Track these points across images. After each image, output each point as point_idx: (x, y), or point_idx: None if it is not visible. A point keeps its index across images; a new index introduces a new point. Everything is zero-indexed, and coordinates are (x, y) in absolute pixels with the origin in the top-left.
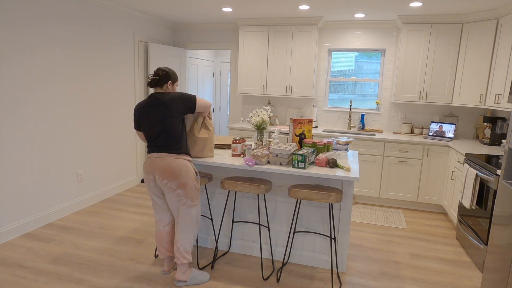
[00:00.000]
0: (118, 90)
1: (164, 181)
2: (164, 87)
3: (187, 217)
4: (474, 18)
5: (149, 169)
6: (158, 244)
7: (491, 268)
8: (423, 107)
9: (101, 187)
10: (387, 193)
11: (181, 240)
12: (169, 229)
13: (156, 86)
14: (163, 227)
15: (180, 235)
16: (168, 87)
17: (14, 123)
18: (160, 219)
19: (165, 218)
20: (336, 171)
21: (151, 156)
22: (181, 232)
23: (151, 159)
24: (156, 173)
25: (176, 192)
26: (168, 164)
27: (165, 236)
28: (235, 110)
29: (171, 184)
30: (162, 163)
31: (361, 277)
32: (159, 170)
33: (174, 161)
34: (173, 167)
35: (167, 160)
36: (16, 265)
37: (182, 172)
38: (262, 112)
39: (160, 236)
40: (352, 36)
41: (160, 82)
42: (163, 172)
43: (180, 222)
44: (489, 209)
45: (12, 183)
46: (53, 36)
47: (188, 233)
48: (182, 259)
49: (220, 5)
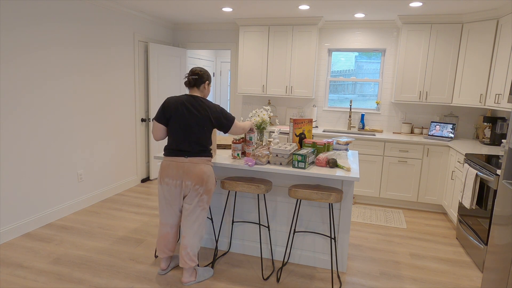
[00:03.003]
0: (118, 90)
1: (196, 186)
2: (201, 87)
3: (202, 222)
4: (474, 18)
5: (177, 174)
6: (162, 245)
7: (491, 268)
8: (423, 107)
9: (101, 187)
10: (387, 193)
11: (191, 245)
12: (176, 230)
13: (194, 87)
14: (171, 229)
15: (191, 240)
16: (206, 87)
17: (14, 123)
18: (167, 223)
19: (173, 221)
20: (336, 171)
21: (177, 160)
22: (193, 237)
23: (179, 163)
24: (187, 178)
25: (201, 197)
26: (201, 170)
27: (172, 237)
28: (235, 110)
29: (200, 189)
30: (196, 169)
31: (361, 277)
32: (191, 175)
33: (205, 167)
34: (205, 173)
35: (199, 166)
36: (16, 265)
37: (211, 179)
38: (262, 112)
39: (167, 238)
40: (352, 36)
41: (198, 82)
42: (195, 177)
43: (195, 227)
44: (489, 209)
45: (12, 183)
46: (52, 36)
47: (197, 238)
48: (190, 263)
49: (220, 5)
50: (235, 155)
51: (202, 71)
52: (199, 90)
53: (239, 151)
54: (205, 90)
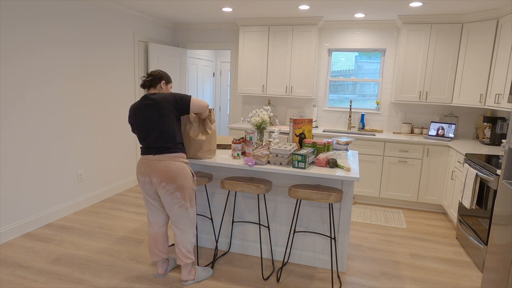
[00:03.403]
0: (118, 90)
1: (162, 183)
2: (158, 87)
3: (186, 218)
4: (474, 18)
5: (146, 171)
6: (153, 247)
7: (491, 268)
8: (423, 107)
9: (101, 187)
10: (387, 193)
11: (182, 242)
12: (164, 230)
13: (150, 88)
14: (159, 228)
15: (181, 237)
16: (162, 87)
17: (14, 123)
18: (155, 221)
19: (160, 219)
20: (336, 171)
21: (147, 158)
22: (182, 234)
23: (147, 161)
24: (153, 176)
25: (173, 195)
26: (166, 166)
27: (161, 237)
28: (235, 110)
29: (169, 186)
30: (160, 166)
31: (361, 277)
32: (156, 173)
33: (171, 164)
34: (170, 170)
35: (164, 162)
36: (16, 265)
37: (180, 175)
38: (262, 112)
39: (156, 238)
40: (352, 36)
41: (153, 82)
42: (161, 175)
43: (180, 224)
44: (489, 209)
45: (12, 183)
46: (52, 36)
47: (188, 234)
48: (185, 259)
49: (220, 5)
50: (235, 155)
51: (157, 72)
52: (155, 90)
53: (239, 151)
54: (162, 90)
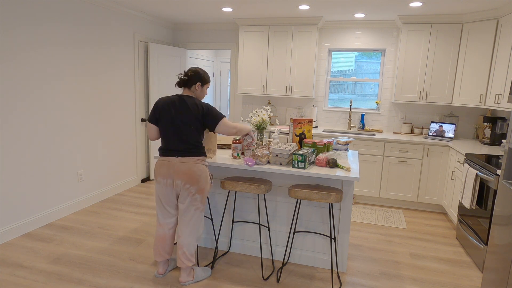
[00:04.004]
0: (118, 90)
1: (186, 185)
2: (193, 88)
3: (197, 221)
4: (474, 18)
5: (168, 173)
6: (159, 247)
7: (491, 268)
8: (423, 107)
9: (101, 187)
10: (387, 193)
11: (187, 245)
12: (173, 232)
13: (185, 87)
14: (168, 230)
15: (187, 239)
16: (197, 89)
17: (14, 123)
18: (165, 223)
19: (171, 222)
20: (336, 171)
21: (169, 160)
22: (189, 237)
23: (170, 163)
24: (177, 178)
25: (194, 197)
26: (190, 169)
27: (169, 239)
28: (235, 110)
29: (192, 189)
30: (184, 168)
31: (361, 277)
32: (180, 174)
33: (195, 166)
34: (195, 173)
35: (188, 165)
36: (16, 265)
37: (202, 178)
38: (262, 112)
39: (163, 239)
40: (352, 36)
41: (189, 83)
42: (186, 177)
43: (190, 226)
44: (489, 209)
45: (12, 183)
46: (52, 36)
47: (194, 237)
48: (187, 262)
49: (220, 5)
50: (235, 155)
51: (193, 72)
52: (190, 91)
53: (239, 151)
54: (197, 91)
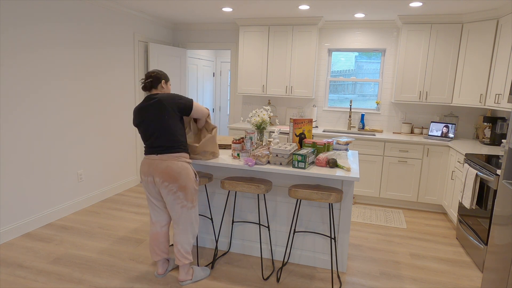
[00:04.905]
0: (118, 90)
1: (165, 183)
2: (159, 87)
3: (187, 219)
4: (474, 18)
5: (148, 171)
6: (154, 246)
7: (491, 268)
8: (423, 107)
9: (101, 187)
10: (387, 193)
11: (181, 242)
12: (166, 229)
13: (151, 89)
14: (161, 228)
15: (180, 237)
16: (163, 86)
17: (14, 123)
18: (157, 220)
19: (163, 219)
20: (336, 171)
21: (150, 158)
22: (181, 234)
23: (150, 161)
24: (156, 175)
25: (176, 195)
26: (168, 166)
27: (162, 237)
28: (235, 110)
29: (172, 186)
30: (162, 166)
31: (361, 277)
32: (159, 172)
33: (174, 164)
34: (173, 170)
35: (167, 162)
36: (16, 265)
37: (183, 175)
38: (262, 112)
39: (157, 237)
40: (352, 36)
41: (154, 84)
42: (164, 175)
43: (181, 224)
44: (489, 209)
45: (13, 183)
46: (52, 36)
47: (188, 235)
48: (184, 260)
49: (220, 5)
50: (235, 155)
51: (155, 72)
52: (157, 90)
53: (239, 151)
54: (164, 89)
